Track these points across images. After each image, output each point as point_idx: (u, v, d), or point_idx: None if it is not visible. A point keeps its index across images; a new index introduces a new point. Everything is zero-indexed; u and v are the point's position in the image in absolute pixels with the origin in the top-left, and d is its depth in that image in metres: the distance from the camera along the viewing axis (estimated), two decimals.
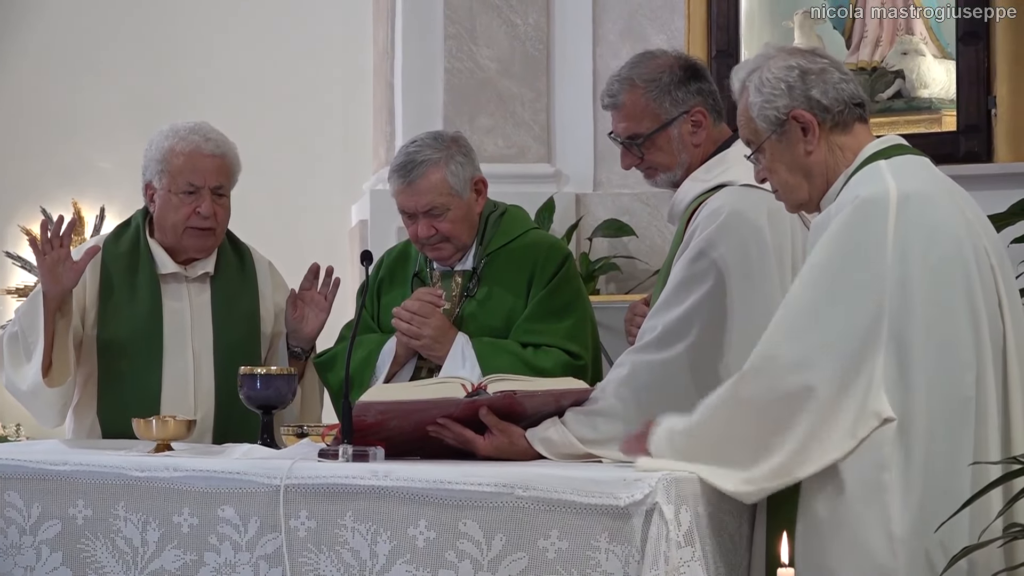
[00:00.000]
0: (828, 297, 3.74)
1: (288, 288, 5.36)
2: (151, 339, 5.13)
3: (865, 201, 3.77)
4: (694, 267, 4.29)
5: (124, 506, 4.17)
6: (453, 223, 4.93)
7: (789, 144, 3.93)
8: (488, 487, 3.78)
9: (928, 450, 3.69)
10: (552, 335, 4.88)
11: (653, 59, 4.53)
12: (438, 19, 6.99)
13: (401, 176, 4.93)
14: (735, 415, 3.79)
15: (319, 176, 8.25)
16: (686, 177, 4.49)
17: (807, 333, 3.74)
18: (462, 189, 4.93)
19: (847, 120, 3.93)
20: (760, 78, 3.94)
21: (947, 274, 3.75)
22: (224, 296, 5.23)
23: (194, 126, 5.23)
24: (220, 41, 8.43)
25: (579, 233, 6.79)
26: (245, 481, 4.04)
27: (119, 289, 5.18)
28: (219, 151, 5.19)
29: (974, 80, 6.26)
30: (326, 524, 3.94)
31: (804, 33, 6.51)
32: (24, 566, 4.25)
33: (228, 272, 5.27)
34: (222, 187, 5.18)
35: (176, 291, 5.21)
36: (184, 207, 5.15)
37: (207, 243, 5.20)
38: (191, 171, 5.15)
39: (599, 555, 3.67)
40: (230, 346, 5.16)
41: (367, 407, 4.14)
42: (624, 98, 4.47)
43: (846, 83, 3.93)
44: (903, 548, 3.66)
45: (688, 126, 4.47)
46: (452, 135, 5.04)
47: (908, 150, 3.95)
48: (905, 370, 3.70)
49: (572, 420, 4.24)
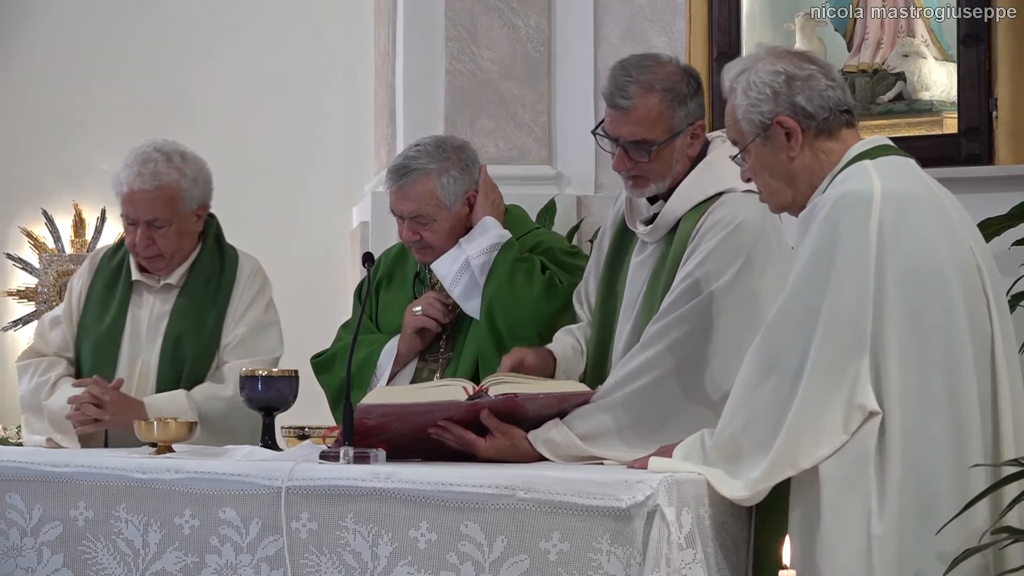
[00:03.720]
0: (816, 292, 3.76)
1: (268, 291, 5.38)
2: (110, 345, 5.25)
3: (848, 195, 3.80)
4: (699, 273, 4.30)
5: (125, 508, 4.17)
6: (436, 233, 4.97)
7: (773, 148, 3.95)
8: (489, 489, 3.79)
9: (904, 450, 3.72)
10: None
11: (663, 64, 4.48)
12: (439, 21, 6.99)
13: (393, 179, 4.98)
14: (746, 416, 3.81)
15: (320, 178, 8.24)
16: (673, 188, 4.47)
17: (799, 330, 3.76)
18: (452, 202, 4.95)
19: (832, 127, 3.95)
20: (747, 81, 3.96)
21: (922, 275, 3.78)
22: (184, 309, 5.28)
23: (142, 155, 5.24)
24: (221, 43, 8.42)
25: (580, 235, 6.78)
26: (246, 483, 4.04)
27: (99, 297, 5.30)
28: (152, 184, 5.18)
29: (975, 82, 6.26)
30: (327, 526, 3.94)
31: (805, 35, 6.50)
32: (25, 568, 4.26)
33: (197, 284, 5.30)
34: (156, 220, 5.19)
35: (142, 299, 5.30)
36: (129, 235, 5.26)
37: (157, 266, 5.28)
38: (127, 204, 5.24)
39: (600, 557, 3.68)
40: (175, 360, 5.22)
41: (369, 409, 4.14)
42: (639, 101, 4.42)
43: (833, 90, 3.95)
44: (878, 545, 3.69)
45: (688, 139, 4.47)
46: (457, 144, 5.06)
47: (894, 151, 3.98)
48: (880, 368, 3.73)
49: (575, 419, 4.25)
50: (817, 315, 3.74)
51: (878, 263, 3.75)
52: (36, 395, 5.24)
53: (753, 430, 3.78)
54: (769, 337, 3.83)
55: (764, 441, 3.76)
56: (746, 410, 3.81)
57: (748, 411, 3.80)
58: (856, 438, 3.73)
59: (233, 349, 5.26)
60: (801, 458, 3.74)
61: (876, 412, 3.72)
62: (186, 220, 5.24)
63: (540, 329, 4.86)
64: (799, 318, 3.78)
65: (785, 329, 3.80)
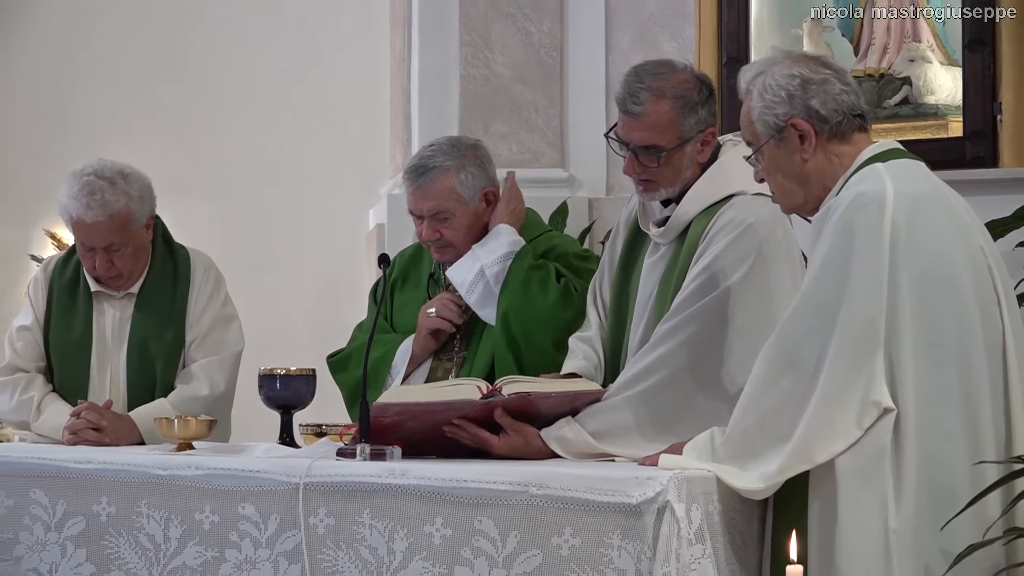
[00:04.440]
0: (832, 291, 3.77)
1: (223, 286, 5.38)
2: (79, 356, 5.26)
3: (861, 196, 3.81)
4: (710, 272, 4.30)
5: (147, 503, 4.18)
6: (456, 230, 4.96)
7: (787, 150, 3.96)
8: (503, 486, 3.79)
9: (919, 446, 3.73)
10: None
11: (676, 72, 4.47)
12: (454, 27, 6.99)
13: (412, 179, 4.96)
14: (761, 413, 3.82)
15: (337, 180, 8.25)
16: (683, 192, 4.47)
17: (815, 329, 3.77)
18: (470, 198, 4.95)
19: (845, 130, 3.95)
20: (763, 83, 3.97)
21: (935, 274, 3.79)
22: (144, 314, 5.28)
23: (86, 184, 5.18)
24: (241, 50, 8.44)
25: (592, 236, 6.79)
26: (265, 479, 4.05)
27: (61, 308, 5.31)
28: (104, 215, 5.16)
29: (980, 87, 6.26)
30: (344, 521, 3.94)
31: (813, 40, 6.50)
32: (49, 562, 4.27)
33: (154, 288, 5.30)
34: (113, 244, 5.19)
35: (103, 307, 5.31)
36: (85, 260, 5.25)
37: (117, 284, 5.28)
38: (80, 234, 5.22)
39: (611, 552, 3.68)
40: (142, 365, 5.23)
41: (385, 408, 4.14)
42: (650, 107, 4.42)
43: (847, 94, 3.95)
44: (895, 539, 3.69)
45: (699, 145, 4.47)
46: (471, 143, 5.07)
47: (904, 154, 3.98)
48: (894, 366, 3.74)
49: (587, 417, 4.25)
50: (834, 313, 3.75)
51: (892, 262, 3.75)
52: (19, 414, 5.24)
53: (768, 426, 3.79)
54: (784, 335, 3.83)
55: (779, 436, 3.76)
56: (761, 406, 3.81)
57: (764, 407, 3.80)
58: (872, 434, 3.73)
59: (198, 347, 5.26)
60: (817, 454, 3.75)
61: (891, 408, 3.73)
62: (139, 236, 5.23)
63: (556, 336, 4.85)
64: (815, 316, 3.78)
65: (801, 327, 3.80)
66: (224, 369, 5.25)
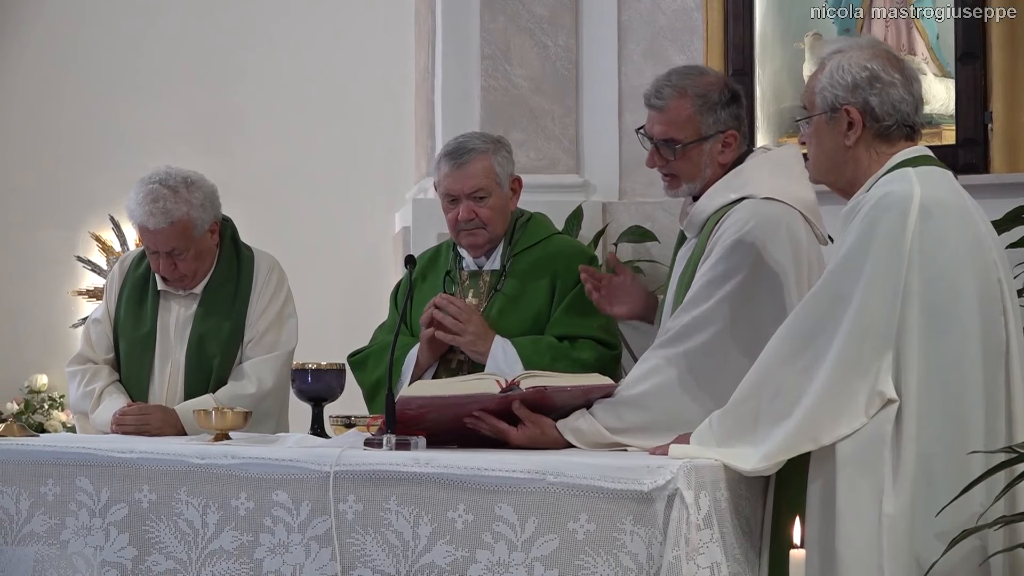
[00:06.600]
0: (849, 283, 3.77)
1: (286, 286, 5.38)
2: (144, 351, 5.27)
3: (889, 196, 3.81)
4: (718, 270, 4.29)
5: (186, 491, 4.18)
6: (492, 210, 4.93)
7: (834, 130, 3.95)
8: (521, 474, 3.79)
9: (918, 437, 3.73)
10: (587, 328, 4.88)
11: (704, 75, 4.52)
12: (475, 41, 7.00)
13: (452, 159, 4.93)
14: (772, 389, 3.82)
15: (364, 186, 8.26)
16: (704, 190, 4.48)
17: (829, 316, 3.76)
18: (503, 181, 4.96)
19: (893, 134, 3.94)
20: (838, 62, 3.96)
21: (944, 282, 3.78)
22: (206, 312, 5.28)
23: (150, 192, 5.18)
24: (273, 62, 8.46)
25: (605, 239, 6.79)
26: (297, 468, 4.05)
27: (131, 304, 5.33)
28: (165, 222, 5.16)
29: (971, 97, 6.25)
30: (372, 507, 3.94)
31: (814, 54, 6.49)
32: (95, 546, 4.27)
33: (218, 288, 5.30)
34: (175, 249, 5.19)
35: (169, 305, 5.32)
36: (152, 260, 5.26)
37: (181, 284, 5.28)
38: (146, 240, 5.23)
39: (624, 537, 3.67)
40: (201, 361, 5.24)
41: (408, 401, 4.15)
42: (672, 103, 4.45)
43: (906, 104, 3.94)
44: (888, 523, 3.69)
45: (719, 146, 4.46)
46: (497, 136, 5.09)
47: (934, 162, 3.98)
48: (901, 362, 3.74)
49: (600, 411, 4.24)
50: (847, 304, 3.75)
51: (908, 265, 3.74)
52: (83, 403, 5.29)
53: (776, 402, 3.78)
54: (800, 319, 3.83)
55: (783, 414, 3.76)
56: (772, 383, 3.80)
57: (774, 384, 3.80)
58: (874, 422, 3.73)
59: (255, 345, 5.26)
60: (822, 435, 3.75)
61: (894, 400, 3.73)
62: (202, 241, 5.23)
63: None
64: (830, 304, 3.78)
65: (817, 313, 3.80)
66: (274, 367, 5.24)
